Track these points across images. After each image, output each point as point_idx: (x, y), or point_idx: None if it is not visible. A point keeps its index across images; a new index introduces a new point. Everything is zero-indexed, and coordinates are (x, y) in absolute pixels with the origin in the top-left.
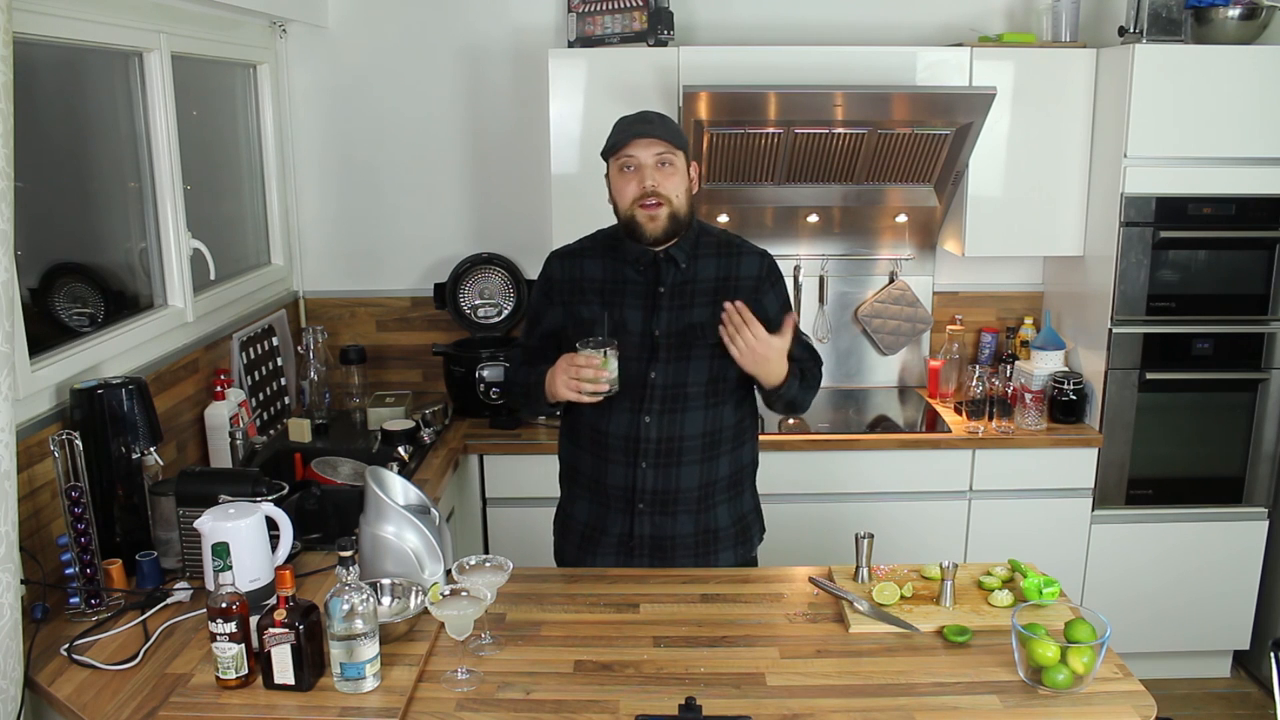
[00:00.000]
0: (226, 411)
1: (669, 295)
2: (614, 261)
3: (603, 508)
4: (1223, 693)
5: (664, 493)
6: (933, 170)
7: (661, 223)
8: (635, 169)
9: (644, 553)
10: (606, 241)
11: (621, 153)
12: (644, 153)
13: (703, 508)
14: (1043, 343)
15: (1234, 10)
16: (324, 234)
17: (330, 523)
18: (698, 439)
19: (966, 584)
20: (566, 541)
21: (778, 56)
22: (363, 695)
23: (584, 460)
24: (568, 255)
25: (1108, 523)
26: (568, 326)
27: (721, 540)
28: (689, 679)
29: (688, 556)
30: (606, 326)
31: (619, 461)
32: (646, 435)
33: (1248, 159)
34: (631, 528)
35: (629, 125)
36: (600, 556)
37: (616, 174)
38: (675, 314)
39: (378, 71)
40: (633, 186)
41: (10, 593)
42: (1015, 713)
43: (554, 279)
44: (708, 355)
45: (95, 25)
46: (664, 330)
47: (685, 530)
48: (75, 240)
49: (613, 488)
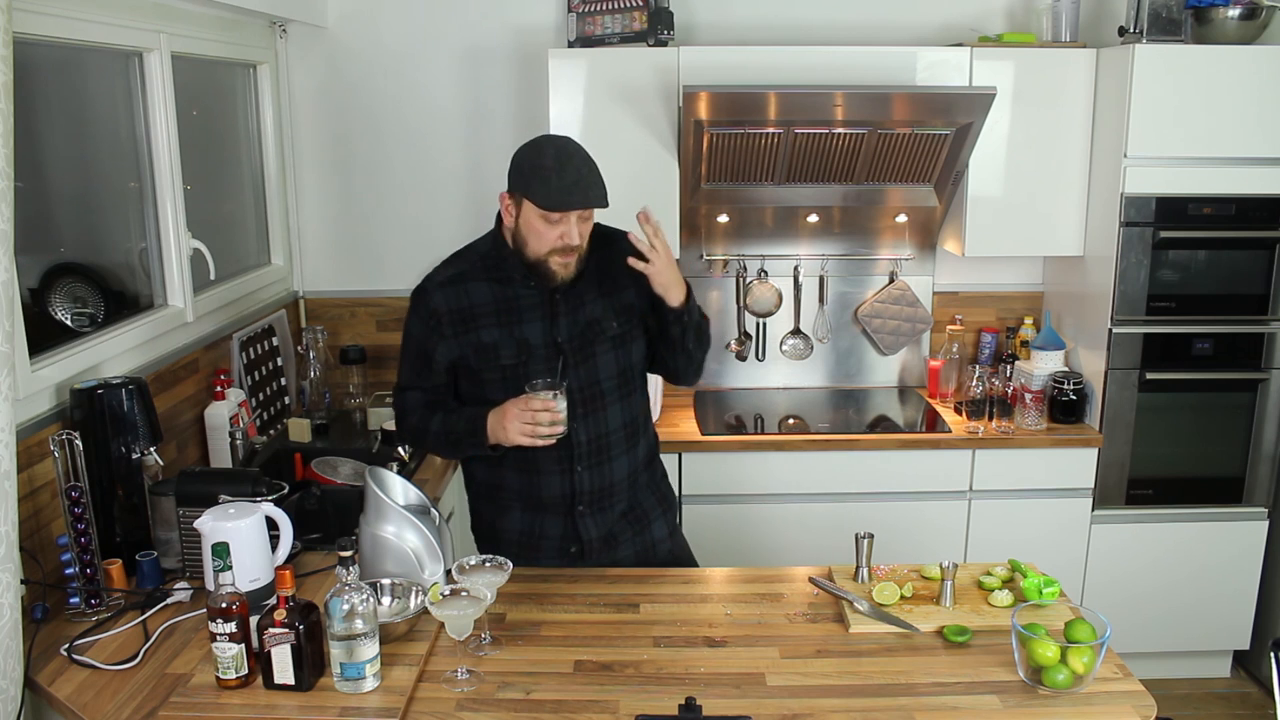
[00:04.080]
0: (226, 411)
1: (564, 300)
2: (499, 282)
3: (537, 514)
4: (1223, 693)
5: (600, 490)
6: (933, 170)
7: (572, 269)
8: (562, 224)
9: (589, 552)
10: (483, 262)
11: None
12: (574, 213)
13: (632, 494)
14: (1043, 343)
15: (1234, 10)
16: (324, 234)
17: (330, 523)
18: (621, 431)
19: (966, 584)
20: (502, 554)
21: (778, 56)
22: (363, 695)
23: (508, 477)
24: (448, 284)
25: (1108, 523)
26: (465, 356)
27: (650, 516)
28: (689, 679)
29: (628, 543)
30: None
31: (553, 471)
32: (577, 439)
33: (1248, 159)
34: (575, 530)
35: (568, 191)
36: (544, 561)
37: (537, 218)
38: (572, 317)
39: (378, 71)
40: (552, 237)
41: (10, 593)
42: (1015, 713)
43: (438, 311)
44: (611, 348)
45: (95, 25)
46: (566, 336)
47: (619, 517)
48: (75, 240)
49: (549, 497)
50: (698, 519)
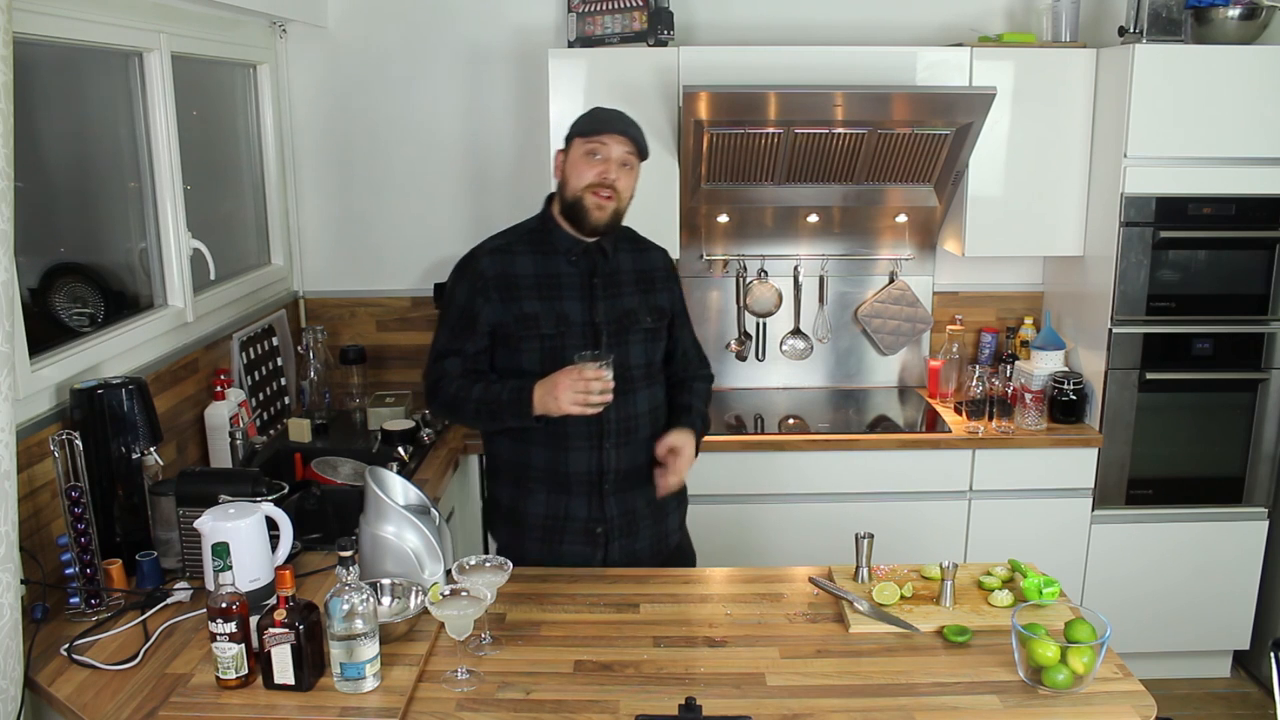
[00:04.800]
0: (226, 411)
1: (603, 284)
2: (544, 256)
3: (563, 495)
4: (1223, 693)
5: (627, 470)
6: (933, 170)
7: (607, 214)
8: (603, 158)
9: (613, 532)
10: (530, 237)
11: (595, 138)
12: (616, 148)
13: (652, 481)
14: (1043, 343)
15: (1234, 10)
16: (324, 234)
17: (330, 523)
18: (647, 416)
19: (966, 584)
20: (525, 539)
21: (778, 56)
22: (363, 695)
23: (535, 454)
24: (497, 252)
25: (1108, 523)
26: (507, 323)
27: (667, 506)
28: (689, 679)
29: (647, 531)
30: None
31: (581, 448)
32: (607, 417)
33: (1248, 159)
34: (603, 509)
35: (611, 117)
36: (567, 544)
37: (580, 156)
38: (610, 302)
39: (378, 71)
40: (594, 172)
41: (10, 593)
42: (1015, 713)
43: (486, 275)
44: (643, 339)
45: (95, 25)
46: (604, 318)
47: (643, 503)
48: (75, 240)
49: (575, 474)
50: (698, 519)
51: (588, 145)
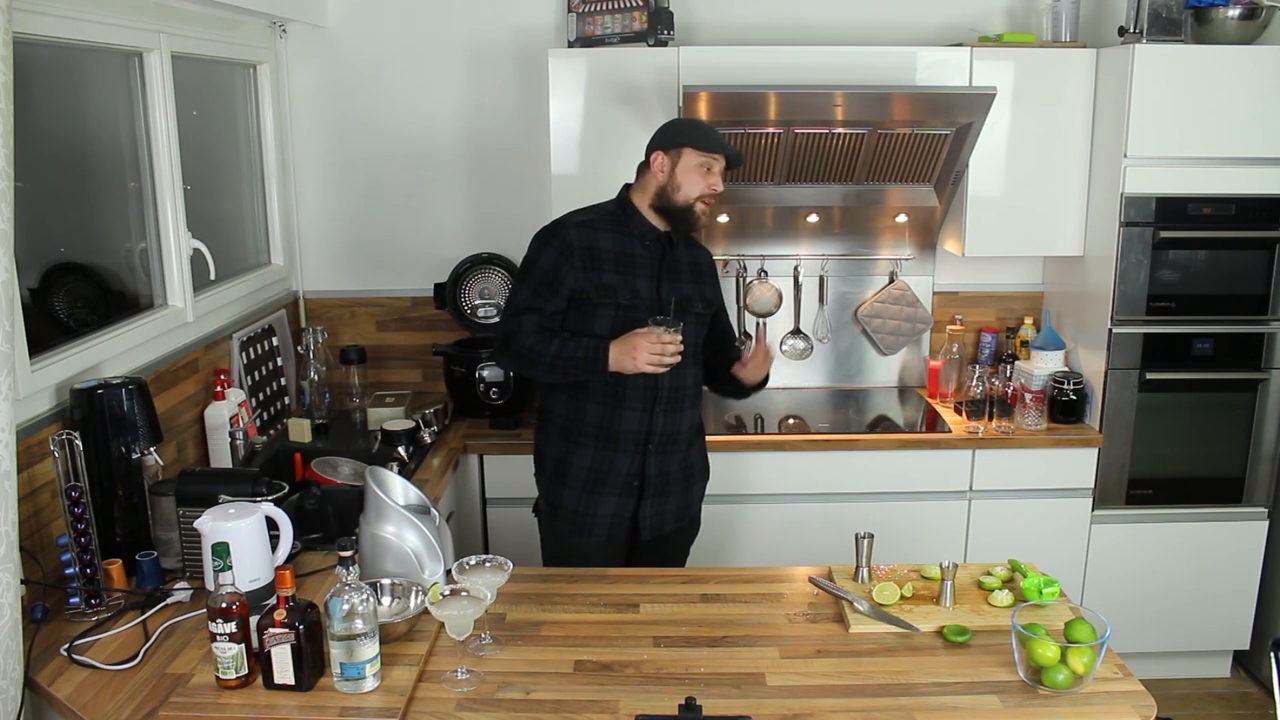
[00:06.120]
0: (226, 411)
1: (667, 269)
2: (622, 236)
3: (610, 452)
4: (1223, 693)
5: (670, 434)
6: (933, 170)
7: (706, 217)
8: (713, 172)
9: (648, 490)
10: (610, 218)
11: (712, 155)
12: (719, 165)
13: (688, 449)
14: (1043, 343)
15: (1234, 10)
16: (324, 234)
17: (330, 523)
18: (691, 388)
19: (966, 584)
20: (566, 488)
21: (778, 56)
22: (363, 695)
23: (590, 410)
24: (583, 226)
25: (1108, 523)
26: (587, 290)
27: (695, 475)
28: (689, 679)
29: (677, 494)
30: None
31: (635, 409)
32: (661, 384)
33: (1248, 159)
34: (642, 467)
35: (722, 140)
36: (605, 497)
37: (694, 166)
38: (672, 286)
39: (378, 72)
40: (704, 185)
41: (10, 593)
42: (1015, 713)
43: (573, 244)
44: (695, 322)
45: (95, 25)
46: (667, 297)
47: (676, 467)
48: (75, 240)
49: (625, 431)
50: None
51: (702, 159)
